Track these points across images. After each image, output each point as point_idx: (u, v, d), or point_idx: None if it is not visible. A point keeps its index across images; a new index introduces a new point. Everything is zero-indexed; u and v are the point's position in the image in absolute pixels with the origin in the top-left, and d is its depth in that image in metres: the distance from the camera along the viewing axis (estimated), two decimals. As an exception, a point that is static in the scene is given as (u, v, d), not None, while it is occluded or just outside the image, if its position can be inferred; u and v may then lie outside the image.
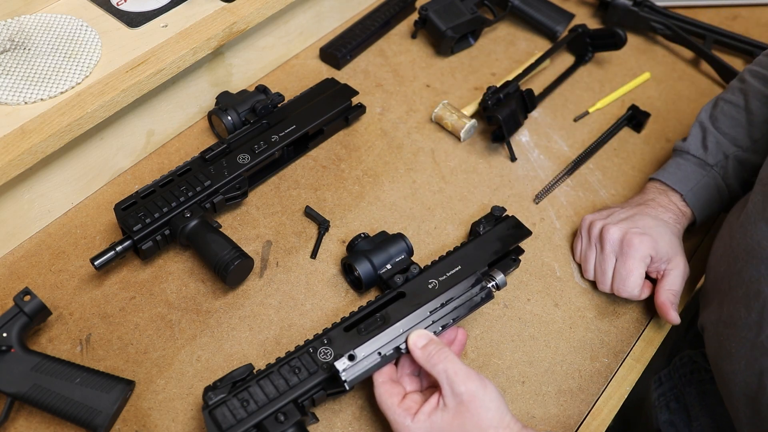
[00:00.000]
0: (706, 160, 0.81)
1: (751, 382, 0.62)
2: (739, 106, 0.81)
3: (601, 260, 0.77)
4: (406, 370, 0.68)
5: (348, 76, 1.02)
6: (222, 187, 0.81)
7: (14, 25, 0.85)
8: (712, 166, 0.80)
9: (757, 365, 0.61)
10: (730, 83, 0.86)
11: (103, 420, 0.65)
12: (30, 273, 0.78)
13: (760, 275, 0.62)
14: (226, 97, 0.90)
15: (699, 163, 0.81)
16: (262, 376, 0.65)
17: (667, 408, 0.86)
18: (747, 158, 0.80)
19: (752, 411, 0.62)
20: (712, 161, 0.81)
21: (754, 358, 0.62)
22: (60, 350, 0.72)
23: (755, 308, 0.62)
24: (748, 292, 0.63)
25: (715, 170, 0.80)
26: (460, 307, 0.71)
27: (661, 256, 0.75)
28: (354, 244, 0.78)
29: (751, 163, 0.80)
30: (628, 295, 0.75)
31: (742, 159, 0.80)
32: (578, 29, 1.03)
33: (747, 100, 0.81)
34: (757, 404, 0.61)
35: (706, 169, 0.81)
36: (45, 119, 0.74)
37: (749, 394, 0.62)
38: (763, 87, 0.80)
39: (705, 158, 0.81)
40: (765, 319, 0.61)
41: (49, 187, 0.80)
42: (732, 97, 0.83)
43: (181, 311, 0.76)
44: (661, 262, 0.75)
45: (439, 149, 0.94)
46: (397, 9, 1.08)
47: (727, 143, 0.80)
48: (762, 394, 0.60)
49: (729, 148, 0.80)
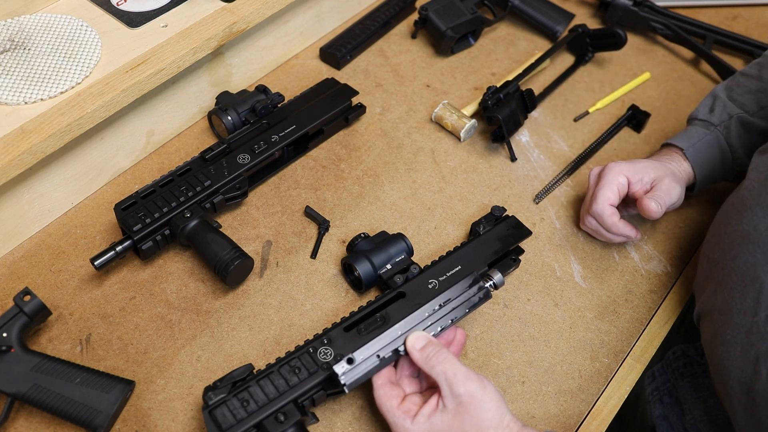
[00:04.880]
0: (710, 120, 0.83)
1: (746, 368, 0.62)
2: (752, 76, 0.84)
3: (586, 197, 0.82)
4: (405, 372, 0.68)
5: (348, 76, 1.02)
6: (222, 187, 0.81)
7: (14, 25, 0.85)
8: (715, 125, 0.82)
9: (753, 351, 0.61)
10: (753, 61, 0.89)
11: (103, 420, 0.65)
12: (30, 273, 0.78)
13: (756, 260, 0.62)
14: (226, 97, 0.90)
15: (703, 124, 0.84)
16: (262, 376, 0.65)
17: (661, 402, 0.86)
18: (751, 121, 0.81)
19: (747, 398, 0.62)
20: (716, 122, 0.83)
21: (749, 343, 0.62)
22: (60, 350, 0.72)
23: (751, 293, 0.62)
24: (743, 277, 0.63)
25: (718, 129, 0.82)
26: (458, 308, 0.71)
27: (640, 176, 0.78)
28: (354, 244, 0.78)
29: (756, 127, 0.81)
30: (599, 209, 0.78)
31: (746, 121, 0.81)
32: (578, 29, 1.03)
33: (761, 69, 0.83)
34: (751, 391, 0.61)
35: (710, 129, 0.83)
36: (45, 119, 0.74)
37: (744, 381, 0.62)
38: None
39: (710, 119, 0.83)
40: (761, 304, 0.61)
41: (49, 187, 0.80)
42: (748, 69, 0.85)
43: (181, 311, 0.76)
44: (642, 183, 0.78)
45: (439, 149, 0.94)
46: (397, 9, 1.08)
47: (733, 107, 0.83)
48: (756, 380, 0.60)
49: (734, 110, 0.82)
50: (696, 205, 0.89)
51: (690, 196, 0.84)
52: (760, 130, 0.81)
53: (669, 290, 0.82)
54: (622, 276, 0.82)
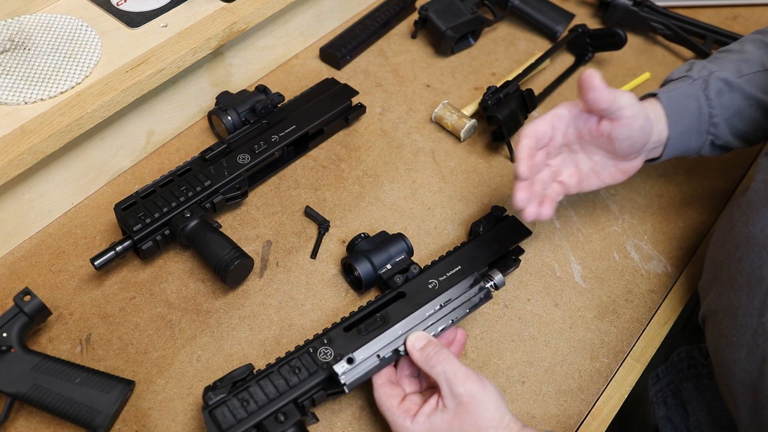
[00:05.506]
0: (689, 75, 0.76)
1: (752, 370, 0.62)
2: (732, 50, 0.79)
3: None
4: (405, 372, 0.68)
5: (348, 76, 1.02)
6: (222, 187, 0.81)
7: (14, 25, 0.85)
8: (694, 79, 0.75)
9: (759, 352, 0.61)
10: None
11: (103, 420, 0.65)
12: (30, 273, 0.78)
13: (762, 262, 0.62)
14: (226, 97, 0.90)
15: (681, 78, 0.77)
16: (262, 376, 0.65)
17: (665, 403, 0.86)
18: (732, 80, 0.75)
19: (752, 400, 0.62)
20: (695, 76, 0.76)
21: (755, 345, 0.61)
22: (60, 350, 0.72)
23: (757, 295, 0.62)
24: (750, 279, 0.63)
25: (697, 83, 0.75)
26: (458, 308, 0.71)
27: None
28: (354, 244, 0.78)
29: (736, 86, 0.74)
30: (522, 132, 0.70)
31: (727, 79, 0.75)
32: (578, 29, 1.03)
33: (742, 44, 0.79)
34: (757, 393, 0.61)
35: (687, 81, 0.76)
36: (45, 119, 0.74)
37: (749, 383, 0.62)
38: (762, 36, 0.78)
39: (689, 74, 0.76)
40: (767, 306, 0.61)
41: (49, 187, 0.80)
42: (729, 46, 0.80)
43: (181, 311, 0.76)
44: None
45: (439, 149, 0.94)
46: (397, 9, 1.08)
47: (713, 66, 0.76)
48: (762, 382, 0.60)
49: (714, 69, 0.76)
50: (696, 205, 0.89)
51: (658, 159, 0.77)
52: (740, 90, 0.74)
53: (669, 290, 0.82)
54: (622, 276, 0.82)
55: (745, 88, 0.74)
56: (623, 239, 0.85)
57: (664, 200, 0.90)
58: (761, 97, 0.75)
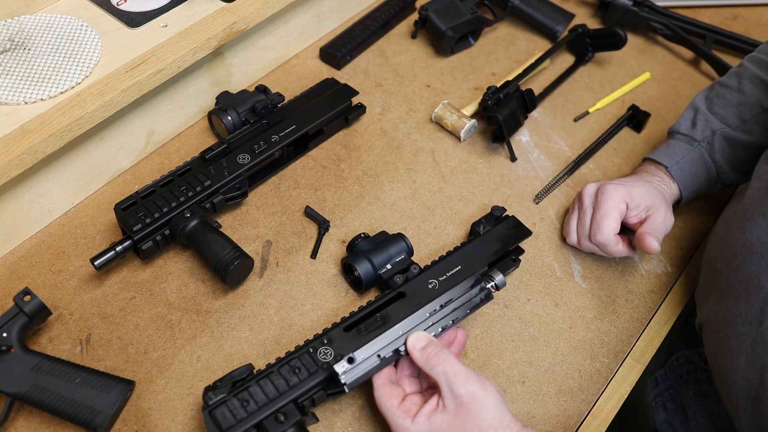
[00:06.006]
0: (693, 136, 0.82)
1: (752, 378, 0.62)
2: (732, 88, 0.83)
3: (581, 216, 0.80)
4: (405, 372, 0.68)
5: (348, 76, 1.02)
6: (222, 187, 0.81)
7: (14, 25, 0.85)
8: (699, 141, 0.82)
9: (758, 361, 0.61)
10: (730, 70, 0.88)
11: (103, 420, 0.65)
12: (30, 273, 0.78)
13: (760, 270, 0.62)
14: (226, 97, 0.90)
15: (687, 139, 0.83)
16: (262, 376, 0.65)
17: (664, 408, 0.86)
18: (735, 136, 0.81)
19: (753, 408, 0.62)
20: (699, 137, 0.82)
21: (754, 354, 0.61)
22: (60, 350, 0.72)
23: (755, 304, 0.62)
24: (747, 288, 0.63)
25: (702, 146, 0.82)
26: (459, 309, 0.71)
27: (637, 202, 0.77)
28: (354, 244, 0.78)
29: (739, 141, 0.81)
30: (604, 240, 0.77)
31: (729, 136, 0.81)
32: (578, 29, 1.03)
33: (740, 81, 0.82)
34: (757, 401, 0.61)
35: (693, 144, 0.82)
36: (45, 119, 0.74)
37: (750, 391, 0.62)
38: (758, 70, 0.82)
39: (692, 134, 0.83)
40: (765, 314, 0.60)
41: (49, 187, 0.80)
42: (727, 80, 0.85)
43: (181, 311, 0.76)
44: (639, 209, 0.77)
45: (439, 149, 0.94)
46: (397, 9, 1.08)
47: (715, 121, 0.82)
48: (763, 391, 0.60)
49: (717, 125, 0.82)
50: (696, 205, 0.89)
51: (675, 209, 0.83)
52: (743, 144, 0.80)
53: (669, 290, 0.82)
54: (622, 276, 0.82)
55: (746, 139, 0.80)
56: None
57: (664, 200, 0.89)
58: (763, 139, 0.79)
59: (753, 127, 0.80)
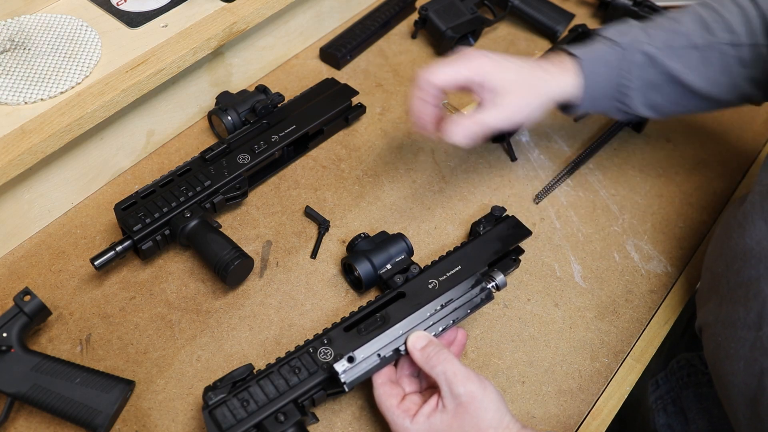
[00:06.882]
0: (617, 40, 0.76)
1: (751, 382, 0.62)
2: (670, 18, 0.77)
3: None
4: (405, 371, 0.68)
5: (348, 76, 1.02)
6: (222, 187, 0.81)
7: (14, 25, 0.85)
8: (622, 47, 0.75)
9: (757, 366, 0.61)
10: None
11: (103, 420, 0.65)
12: (30, 273, 0.78)
13: (760, 275, 0.62)
14: (226, 97, 0.90)
15: (609, 43, 0.76)
16: (262, 376, 0.65)
17: (665, 411, 0.86)
18: (658, 57, 0.75)
19: (751, 412, 0.62)
20: (623, 44, 0.76)
21: (753, 358, 0.61)
22: (60, 350, 0.72)
23: (754, 308, 0.62)
24: (747, 292, 0.63)
25: (623, 51, 0.75)
26: (459, 309, 0.71)
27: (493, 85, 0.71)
28: (354, 244, 0.78)
29: (660, 65, 0.74)
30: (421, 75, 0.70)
31: (653, 56, 0.75)
32: (578, 29, 1.03)
33: (681, 14, 0.77)
34: (756, 405, 0.61)
35: (615, 49, 0.75)
36: (45, 119, 0.74)
37: (748, 395, 0.62)
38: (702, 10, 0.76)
39: (617, 39, 0.76)
40: (764, 319, 0.60)
41: (49, 187, 0.80)
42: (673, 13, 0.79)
43: (181, 311, 0.76)
44: (487, 91, 0.71)
45: (439, 149, 0.94)
46: (397, 9, 1.08)
47: (645, 36, 0.76)
48: (762, 395, 0.60)
49: (644, 39, 0.75)
50: (696, 205, 0.89)
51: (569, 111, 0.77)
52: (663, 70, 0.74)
53: (669, 290, 0.82)
54: (622, 276, 0.82)
55: (667, 64, 0.74)
56: (623, 239, 0.85)
57: (664, 200, 0.90)
58: (681, 73, 0.74)
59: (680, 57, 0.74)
